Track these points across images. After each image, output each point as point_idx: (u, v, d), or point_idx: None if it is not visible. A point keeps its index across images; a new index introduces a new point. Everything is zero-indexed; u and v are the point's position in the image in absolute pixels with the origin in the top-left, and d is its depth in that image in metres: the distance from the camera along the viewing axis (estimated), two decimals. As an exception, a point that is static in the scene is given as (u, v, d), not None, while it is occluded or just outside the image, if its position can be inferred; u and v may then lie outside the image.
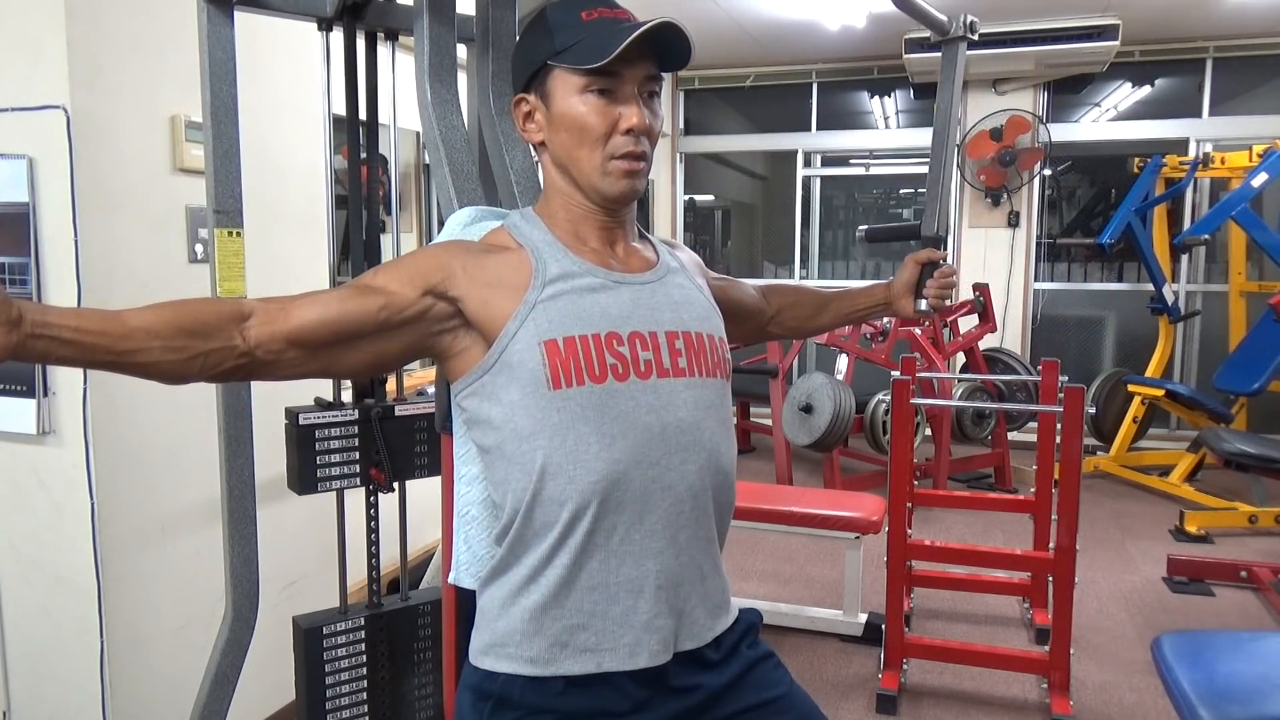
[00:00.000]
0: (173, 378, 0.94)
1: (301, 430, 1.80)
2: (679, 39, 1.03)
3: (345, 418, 1.85)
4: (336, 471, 1.85)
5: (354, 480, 1.87)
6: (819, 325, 1.51)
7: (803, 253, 6.63)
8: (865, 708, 2.66)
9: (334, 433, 1.84)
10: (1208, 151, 5.14)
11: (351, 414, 1.86)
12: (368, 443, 1.87)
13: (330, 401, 1.88)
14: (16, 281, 1.95)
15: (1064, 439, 2.52)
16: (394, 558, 2.00)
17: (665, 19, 1.00)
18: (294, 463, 1.82)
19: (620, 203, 1.09)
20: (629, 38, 0.99)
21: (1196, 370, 5.87)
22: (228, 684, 1.80)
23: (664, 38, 1.02)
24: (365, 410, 1.86)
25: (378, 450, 1.87)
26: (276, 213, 2.45)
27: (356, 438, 1.86)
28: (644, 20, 1.02)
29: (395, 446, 1.88)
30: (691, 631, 1.08)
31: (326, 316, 0.99)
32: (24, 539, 2.06)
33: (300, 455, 1.80)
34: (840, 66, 6.28)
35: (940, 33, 1.65)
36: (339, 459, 1.85)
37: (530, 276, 1.04)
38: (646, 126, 1.05)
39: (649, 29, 0.99)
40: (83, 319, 0.86)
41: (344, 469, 1.86)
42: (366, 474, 1.88)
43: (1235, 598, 3.52)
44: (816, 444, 4.68)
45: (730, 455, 1.13)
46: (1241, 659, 1.77)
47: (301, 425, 1.80)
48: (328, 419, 1.83)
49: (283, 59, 2.49)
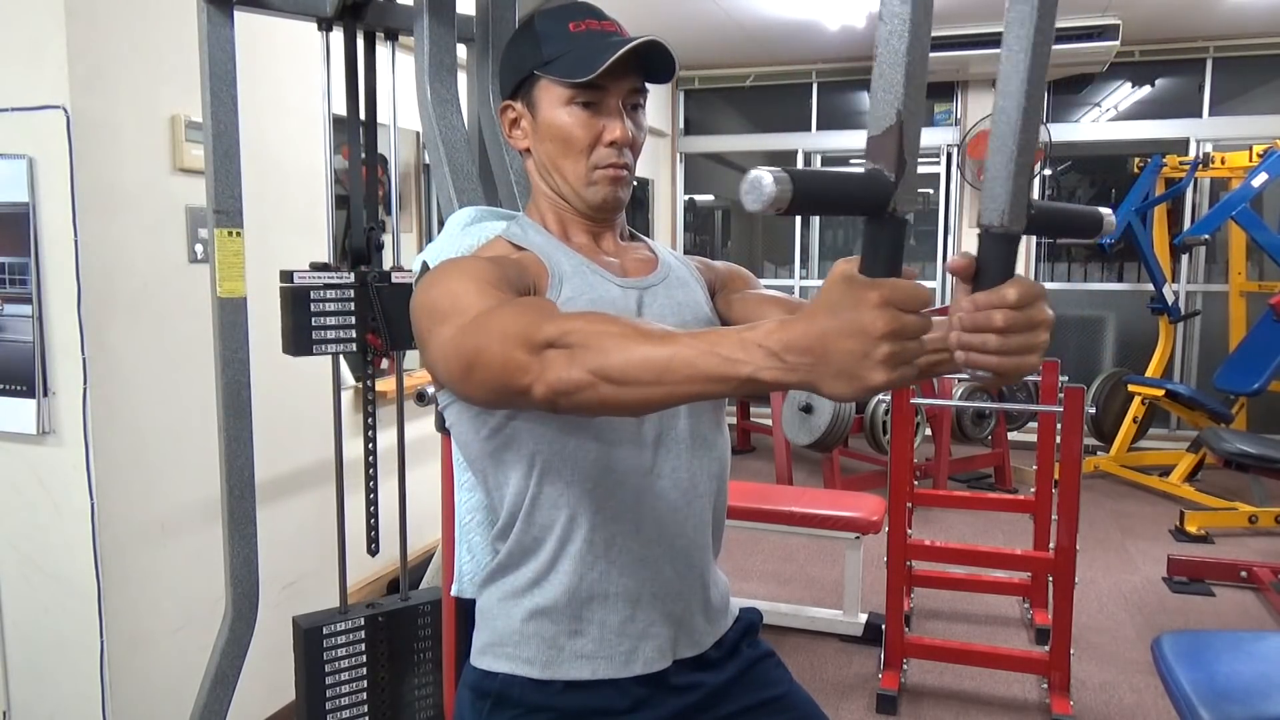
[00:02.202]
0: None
1: (296, 291, 1.74)
2: (663, 56, 1.04)
3: (342, 280, 1.80)
4: (332, 335, 1.79)
5: (350, 344, 1.82)
6: None
7: (803, 253, 6.63)
8: (865, 708, 2.66)
9: (330, 295, 1.78)
10: (1208, 151, 5.14)
11: (349, 277, 1.81)
12: (364, 308, 1.81)
13: (325, 263, 1.82)
14: (16, 281, 1.95)
15: (1064, 439, 2.52)
16: (394, 558, 2.00)
17: (650, 38, 1.01)
18: (288, 324, 1.75)
19: (604, 212, 1.09)
20: (614, 55, 0.99)
21: (1196, 370, 5.87)
22: (228, 684, 1.81)
23: (650, 49, 1.03)
24: (362, 277, 1.82)
25: (374, 316, 1.81)
26: (276, 213, 2.45)
27: (353, 302, 1.81)
28: (631, 36, 1.03)
29: (392, 315, 1.83)
30: (691, 639, 1.08)
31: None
32: (24, 539, 2.06)
33: (295, 316, 1.74)
34: (840, 66, 6.28)
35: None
36: (335, 322, 1.79)
37: (548, 278, 1.04)
38: (630, 140, 1.06)
39: (633, 47, 1.00)
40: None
41: (340, 333, 1.80)
42: (363, 340, 1.82)
43: (1235, 598, 3.52)
44: (816, 444, 4.68)
45: (725, 461, 1.13)
46: (1241, 659, 1.77)
47: (297, 285, 1.74)
48: (324, 279, 1.77)
49: (283, 59, 2.49)
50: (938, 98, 6.20)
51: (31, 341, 1.95)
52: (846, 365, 0.63)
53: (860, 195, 0.64)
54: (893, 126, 0.65)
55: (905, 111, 0.64)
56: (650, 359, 0.73)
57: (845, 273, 0.65)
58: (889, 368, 0.62)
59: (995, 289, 0.70)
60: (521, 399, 0.81)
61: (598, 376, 0.75)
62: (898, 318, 0.62)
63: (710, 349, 0.70)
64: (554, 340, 0.78)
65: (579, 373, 0.76)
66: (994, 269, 0.71)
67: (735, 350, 0.69)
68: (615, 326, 0.77)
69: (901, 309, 0.62)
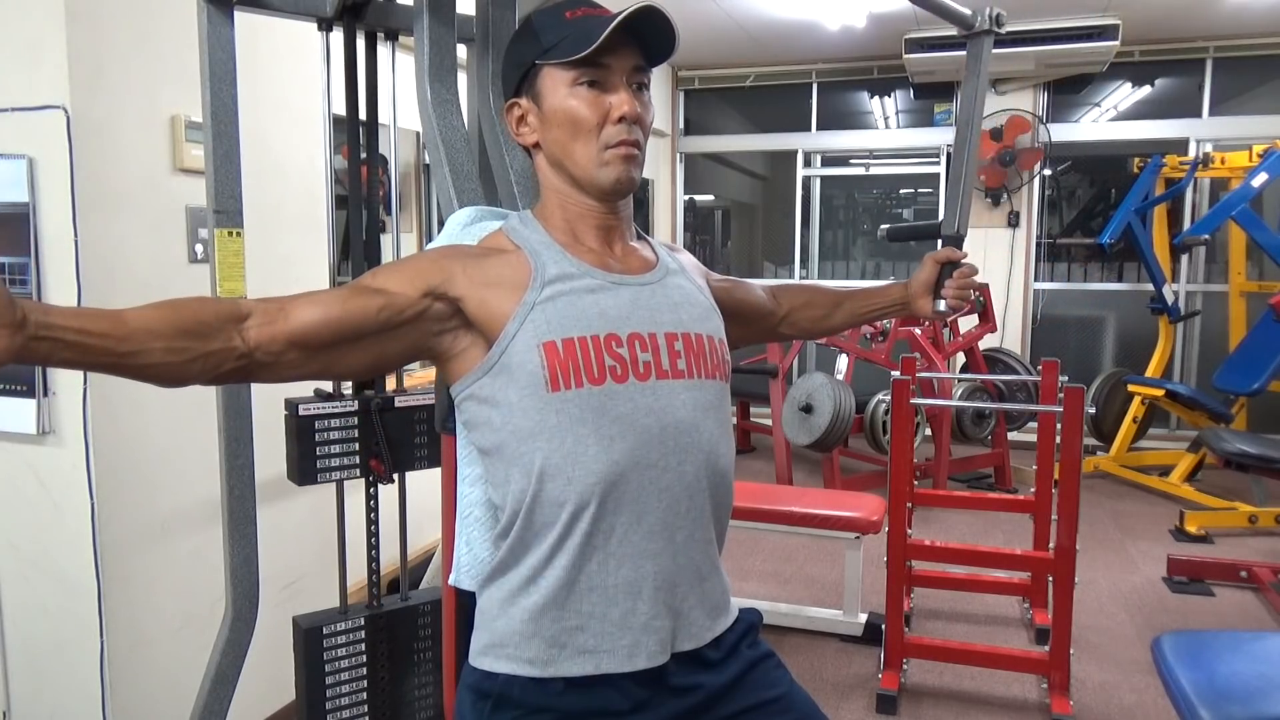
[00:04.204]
0: (172, 380, 0.93)
1: (301, 421, 1.80)
2: (664, 26, 1.04)
3: (345, 409, 1.85)
4: (336, 463, 1.85)
5: (354, 471, 1.87)
6: (832, 325, 1.46)
7: (803, 253, 6.63)
8: (865, 708, 2.66)
9: (334, 423, 1.84)
10: (1208, 151, 5.14)
11: (351, 405, 1.86)
12: (367, 434, 1.87)
13: (330, 393, 1.88)
14: (16, 281, 1.95)
15: (1064, 439, 2.52)
16: (394, 558, 2.00)
17: (648, 3, 1.01)
18: (294, 453, 1.82)
19: (618, 193, 1.09)
20: (611, 24, 1.01)
21: (1196, 370, 5.87)
22: (228, 684, 1.81)
23: (650, 25, 1.03)
24: (365, 401, 1.86)
25: (377, 441, 1.86)
26: (276, 213, 2.45)
27: (356, 429, 1.86)
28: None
29: (395, 438, 1.89)
30: (690, 632, 1.08)
31: (328, 317, 0.98)
32: (24, 539, 2.06)
33: (300, 446, 1.80)
34: (840, 66, 6.28)
35: (965, 27, 1.55)
36: (339, 450, 1.85)
37: (529, 277, 1.04)
38: (638, 114, 1.06)
39: (633, 12, 1.01)
40: (85, 320, 0.85)
41: (344, 460, 1.86)
42: (366, 465, 1.88)
43: (1235, 598, 3.52)
44: (816, 444, 4.68)
45: (729, 456, 1.13)
46: (1241, 659, 1.77)
47: (301, 416, 1.80)
48: (327, 409, 1.83)
49: (283, 59, 2.49)
50: (937, 98, 6.20)
51: (31, 341, 1.95)
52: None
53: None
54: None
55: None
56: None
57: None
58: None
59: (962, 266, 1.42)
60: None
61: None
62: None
63: None
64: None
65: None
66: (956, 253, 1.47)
67: None
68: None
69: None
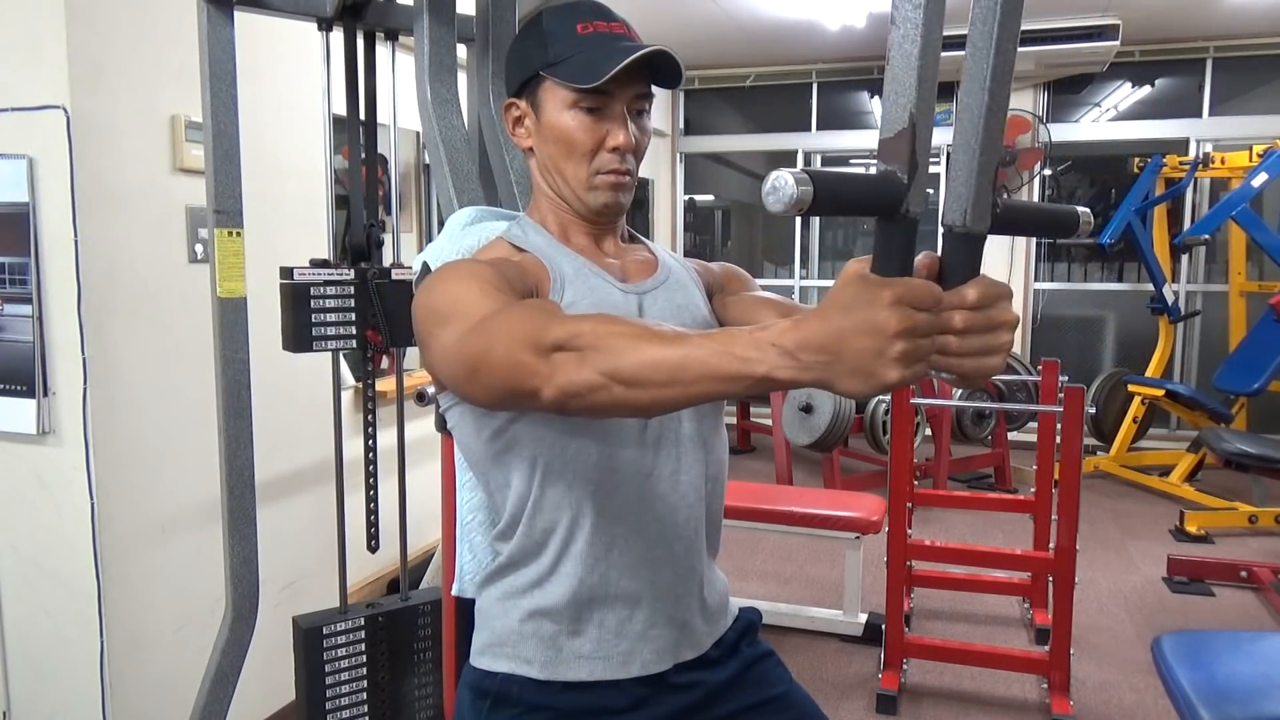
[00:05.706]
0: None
1: (296, 288, 1.74)
2: (670, 63, 1.03)
3: (341, 277, 1.80)
4: (332, 331, 1.80)
5: (350, 341, 1.82)
6: None
7: (803, 253, 6.63)
8: (865, 708, 2.66)
9: (330, 291, 1.78)
10: (1208, 151, 5.14)
11: (348, 274, 1.81)
12: (364, 305, 1.82)
13: (325, 260, 1.82)
14: (16, 281, 1.95)
15: (1064, 439, 2.52)
16: (394, 558, 2.00)
17: (658, 47, 1.00)
18: (288, 321, 1.75)
19: (605, 216, 1.09)
20: (621, 63, 0.98)
21: (1196, 370, 5.87)
22: (228, 684, 1.81)
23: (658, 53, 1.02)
24: (362, 273, 1.82)
25: (374, 313, 1.81)
26: (276, 213, 2.45)
27: (353, 299, 1.81)
28: (639, 41, 1.03)
29: (392, 311, 1.83)
30: (691, 641, 1.09)
31: None
32: (24, 539, 2.06)
33: (295, 313, 1.74)
34: (840, 66, 6.28)
35: None
36: (335, 319, 1.80)
37: (548, 280, 1.04)
38: (633, 146, 1.05)
39: (640, 57, 0.99)
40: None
41: (340, 330, 1.81)
42: (363, 336, 1.83)
43: (1235, 598, 3.52)
44: (816, 444, 4.68)
45: (723, 463, 1.13)
46: (1241, 659, 1.77)
47: (296, 282, 1.73)
48: (324, 276, 1.77)
49: (283, 59, 2.49)
50: (938, 98, 6.19)
51: (31, 341, 1.96)
52: (861, 363, 0.63)
53: (875, 195, 0.65)
54: (905, 130, 0.65)
55: (917, 114, 0.65)
56: (663, 360, 0.72)
57: (858, 272, 0.65)
58: (903, 365, 0.63)
59: (956, 289, 0.68)
60: (529, 401, 0.80)
61: (609, 378, 0.74)
62: (911, 316, 0.62)
63: (724, 349, 0.70)
64: (562, 343, 0.77)
65: (590, 374, 0.75)
66: (957, 269, 0.70)
67: (749, 350, 0.68)
68: (625, 328, 0.77)
69: (915, 307, 0.63)
